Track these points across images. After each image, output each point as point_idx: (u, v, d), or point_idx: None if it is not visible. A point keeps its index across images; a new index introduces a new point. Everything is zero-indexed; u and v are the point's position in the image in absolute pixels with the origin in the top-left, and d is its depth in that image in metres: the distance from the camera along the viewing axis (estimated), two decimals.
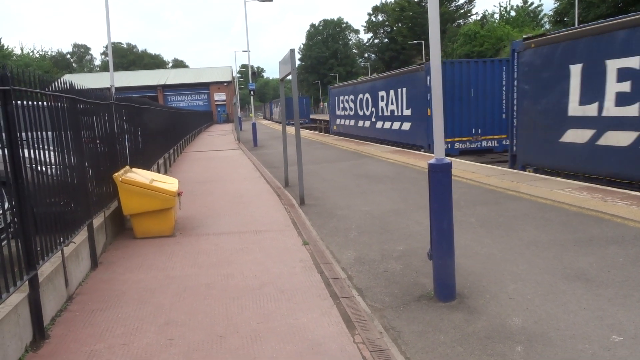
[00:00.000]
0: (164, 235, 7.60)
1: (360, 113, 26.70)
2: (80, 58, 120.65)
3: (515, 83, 13.11)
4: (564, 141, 11.38)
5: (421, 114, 18.74)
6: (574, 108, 11.07)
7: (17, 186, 4.00)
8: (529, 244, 6.35)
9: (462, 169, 12.75)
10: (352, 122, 28.34)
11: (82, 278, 5.67)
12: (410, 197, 9.85)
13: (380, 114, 23.62)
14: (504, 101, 17.71)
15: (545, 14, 61.05)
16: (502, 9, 65.97)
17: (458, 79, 17.64)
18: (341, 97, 30.16)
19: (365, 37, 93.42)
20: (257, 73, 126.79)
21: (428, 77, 17.13)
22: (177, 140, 21.40)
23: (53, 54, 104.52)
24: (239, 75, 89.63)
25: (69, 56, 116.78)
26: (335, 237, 7.30)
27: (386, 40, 79.64)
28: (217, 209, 9.70)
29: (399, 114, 21.16)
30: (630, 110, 9.70)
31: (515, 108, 13.20)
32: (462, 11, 66.03)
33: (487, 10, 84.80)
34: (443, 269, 4.67)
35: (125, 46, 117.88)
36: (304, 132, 31.79)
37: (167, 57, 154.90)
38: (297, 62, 10.25)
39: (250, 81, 32.82)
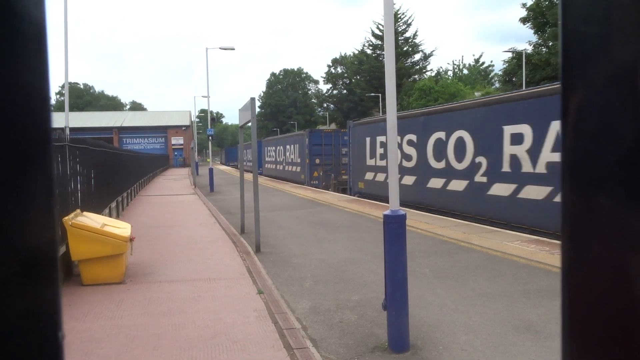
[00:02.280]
0: (114, 282, 7.35)
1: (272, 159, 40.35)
2: None
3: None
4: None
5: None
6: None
7: None
8: (480, 295, 6.48)
9: (417, 219, 13.00)
10: (275, 166, 39.36)
11: None
12: (366, 246, 9.93)
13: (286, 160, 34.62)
14: None
15: (495, 74, 64.40)
16: (455, 66, 69.34)
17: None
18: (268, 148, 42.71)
19: (324, 87, 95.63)
20: (216, 118, 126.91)
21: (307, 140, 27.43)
22: (132, 183, 21.00)
23: None
24: (197, 119, 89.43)
25: None
26: (290, 286, 7.24)
27: (345, 91, 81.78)
28: (170, 255, 9.49)
29: (294, 160, 32.07)
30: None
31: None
32: (418, 67, 68.77)
33: (441, 67, 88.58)
34: (397, 320, 4.70)
35: (81, 86, 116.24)
36: (261, 179, 31.85)
37: (125, 99, 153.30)
38: (257, 110, 10.37)
39: (209, 126, 32.80)
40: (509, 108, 11.98)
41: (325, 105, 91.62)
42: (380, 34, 67.26)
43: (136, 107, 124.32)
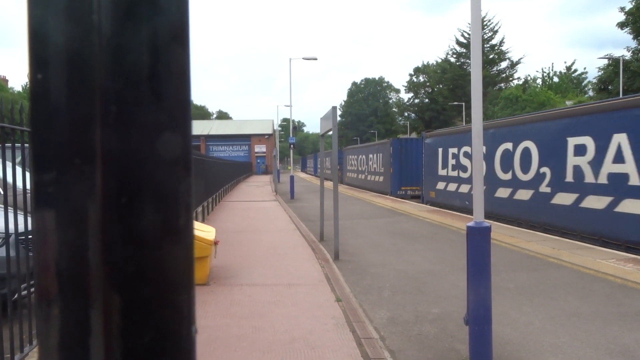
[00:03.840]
0: (199, 284, 7.65)
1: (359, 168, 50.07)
2: None
3: None
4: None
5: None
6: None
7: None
8: (570, 314, 6.12)
9: (501, 232, 12.50)
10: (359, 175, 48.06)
11: None
12: (447, 258, 9.68)
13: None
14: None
15: (589, 82, 60.78)
16: (544, 74, 66.13)
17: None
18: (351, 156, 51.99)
19: (405, 96, 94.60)
20: (298, 127, 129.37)
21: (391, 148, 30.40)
22: (217, 189, 21.83)
23: None
24: (279, 128, 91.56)
25: None
26: (368, 295, 7.21)
27: (427, 100, 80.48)
28: (251, 259, 9.75)
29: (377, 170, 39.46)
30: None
31: None
32: (504, 75, 66.40)
33: (529, 75, 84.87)
34: (479, 336, 4.53)
35: None
36: (340, 187, 32.08)
37: (212, 108, 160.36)
38: (338, 118, 10.46)
39: (291, 135, 33.48)
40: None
41: (406, 114, 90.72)
42: (465, 41, 65.69)
43: (222, 116, 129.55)
